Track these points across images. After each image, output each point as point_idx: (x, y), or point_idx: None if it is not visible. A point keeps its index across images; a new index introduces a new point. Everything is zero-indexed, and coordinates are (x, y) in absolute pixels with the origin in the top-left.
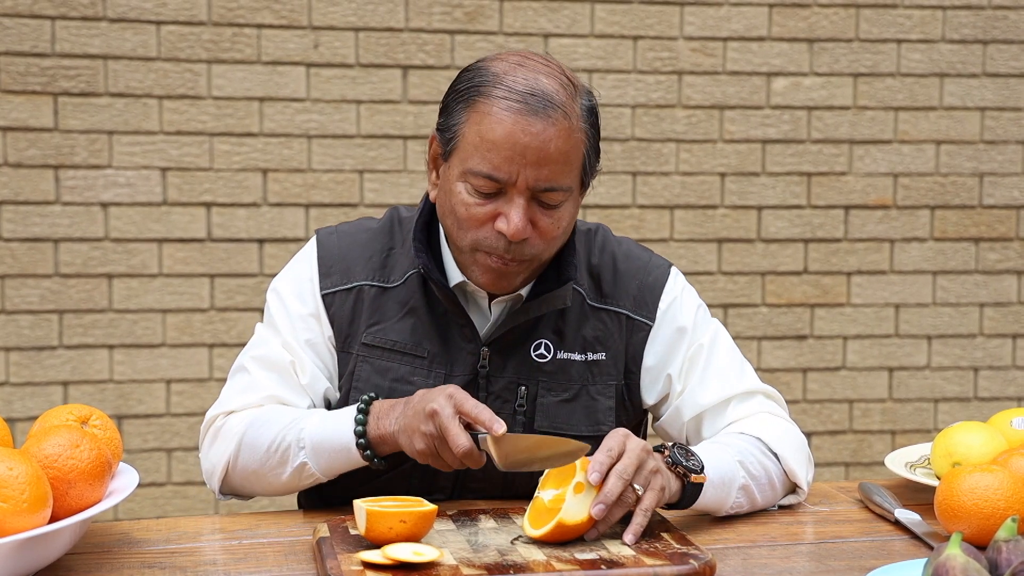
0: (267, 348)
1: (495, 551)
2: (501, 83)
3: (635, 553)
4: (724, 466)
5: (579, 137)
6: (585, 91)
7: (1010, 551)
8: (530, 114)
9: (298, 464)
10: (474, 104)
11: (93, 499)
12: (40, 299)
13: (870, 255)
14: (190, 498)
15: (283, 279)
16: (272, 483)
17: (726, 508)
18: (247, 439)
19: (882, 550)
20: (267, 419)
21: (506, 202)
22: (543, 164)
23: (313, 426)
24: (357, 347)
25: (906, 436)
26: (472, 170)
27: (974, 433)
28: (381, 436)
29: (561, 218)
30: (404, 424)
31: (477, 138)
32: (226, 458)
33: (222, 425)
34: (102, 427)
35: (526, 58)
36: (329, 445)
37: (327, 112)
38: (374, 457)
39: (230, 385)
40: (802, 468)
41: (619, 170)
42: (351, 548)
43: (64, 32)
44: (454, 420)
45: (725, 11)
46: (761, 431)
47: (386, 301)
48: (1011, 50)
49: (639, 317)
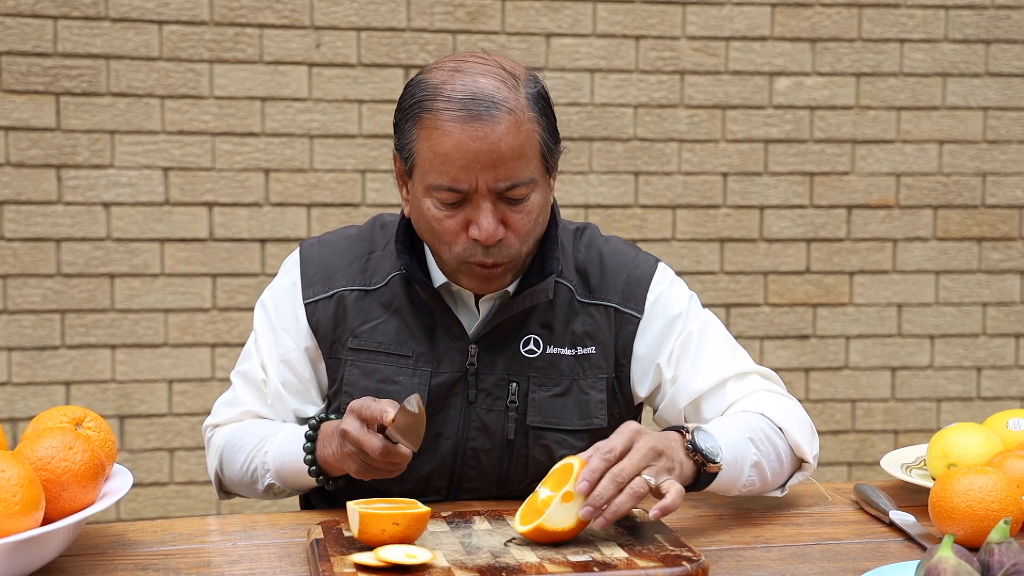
0: (248, 364)
1: (488, 553)
2: (441, 94)
3: (628, 555)
4: (736, 445)
5: (530, 128)
6: (529, 79)
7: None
8: (474, 119)
9: (267, 484)
10: (420, 120)
11: (86, 501)
12: (42, 299)
13: (873, 255)
14: (192, 498)
15: (269, 293)
16: (256, 493)
17: (738, 487)
18: (225, 456)
19: (876, 552)
20: (239, 440)
21: (473, 208)
22: (498, 165)
23: (274, 450)
24: (345, 352)
25: (909, 436)
26: (432, 184)
27: (970, 434)
28: (325, 460)
29: (531, 210)
30: (334, 450)
31: (430, 154)
32: (214, 469)
33: (211, 437)
34: (96, 429)
35: (462, 61)
36: (289, 469)
37: (329, 112)
38: (328, 480)
39: (221, 397)
40: (807, 441)
41: (621, 170)
42: (344, 550)
43: (66, 32)
44: (362, 430)
45: (727, 11)
46: (764, 407)
47: (369, 303)
48: (1014, 50)
49: (627, 310)
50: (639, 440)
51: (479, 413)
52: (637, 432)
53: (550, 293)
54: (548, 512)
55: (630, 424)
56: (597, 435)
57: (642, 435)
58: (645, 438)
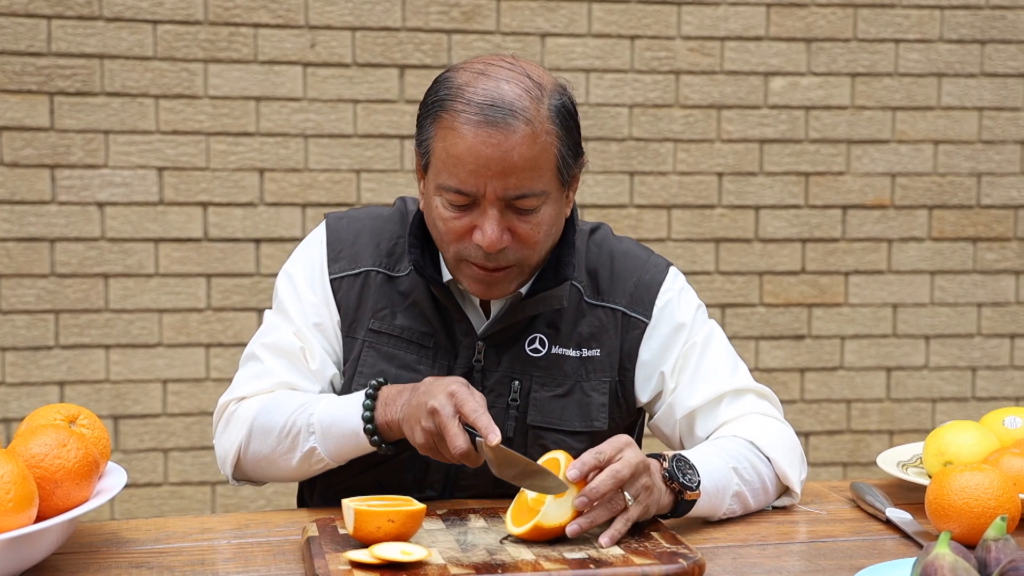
0: (278, 335)
1: (484, 550)
2: (461, 96)
3: (624, 552)
4: (718, 474)
5: (547, 140)
6: (555, 90)
7: (999, 550)
8: (489, 126)
9: (307, 449)
10: (439, 119)
11: (80, 499)
12: (36, 299)
13: (868, 255)
14: (186, 498)
15: (293, 263)
16: (283, 468)
17: (719, 514)
18: (258, 424)
19: (873, 549)
20: (277, 404)
21: (480, 214)
22: (509, 174)
23: (322, 411)
24: (364, 333)
25: (904, 436)
26: (443, 185)
27: (966, 432)
28: (387, 422)
29: (540, 222)
30: (407, 414)
31: (444, 153)
32: (238, 444)
33: (235, 411)
34: (90, 426)
35: (489, 64)
36: (338, 430)
37: (324, 112)
38: (381, 443)
39: (242, 372)
40: (795, 471)
41: (616, 170)
42: (339, 547)
43: (60, 31)
44: (454, 420)
45: (723, 11)
46: (754, 434)
47: (392, 290)
48: (1009, 50)
49: (635, 314)
50: (629, 451)
51: None
52: (628, 443)
53: (564, 300)
54: (543, 510)
55: (621, 436)
56: (597, 438)
57: (631, 447)
58: (634, 450)
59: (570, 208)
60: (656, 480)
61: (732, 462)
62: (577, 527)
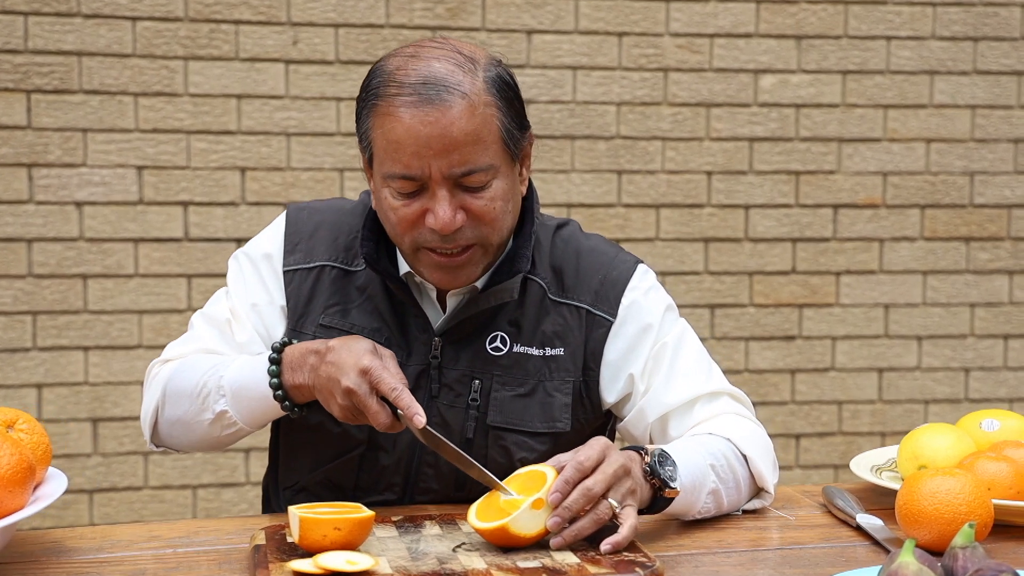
0: (213, 307)
1: (435, 559)
2: (394, 80)
3: (580, 561)
4: (696, 470)
5: (487, 112)
6: (489, 63)
7: (966, 558)
8: (424, 104)
9: (218, 411)
10: (375, 108)
11: (14, 506)
12: (13, 300)
13: (859, 255)
14: (167, 502)
15: (248, 247)
16: (196, 431)
17: (693, 513)
18: (171, 386)
19: (841, 556)
20: (191, 365)
21: (430, 197)
22: (451, 150)
23: (233, 373)
24: (313, 328)
25: (896, 438)
26: (388, 173)
27: (941, 435)
28: (296, 386)
29: (494, 197)
30: (318, 384)
31: (384, 141)
32: (154, 405)
33: (156, 374)
34: (29, 431)
35: (420, 47)
36: (248, 393)
37: (306, 109)
38: (294, 407)
39: (174, 340)
40: (769, 471)
41: (604, 169)
42: (285, 556)
43: (37, 28)
44: (371, 398)
45: (712, 7)
46: (731, 432)
47: (348, 285)
48: (1001, 47)
49: (599, 312)
50: (610, 455)
51: (440, 408)
52: (608, 447)
53: (515, 293)
54: (516, 515)
55: (600, 439)
56: (559, 439)
57: (612, 450)
58: (616, 454)
59: (525, 186)
60: (638, 479)
61: (710, 459)
62: (562, 540)
